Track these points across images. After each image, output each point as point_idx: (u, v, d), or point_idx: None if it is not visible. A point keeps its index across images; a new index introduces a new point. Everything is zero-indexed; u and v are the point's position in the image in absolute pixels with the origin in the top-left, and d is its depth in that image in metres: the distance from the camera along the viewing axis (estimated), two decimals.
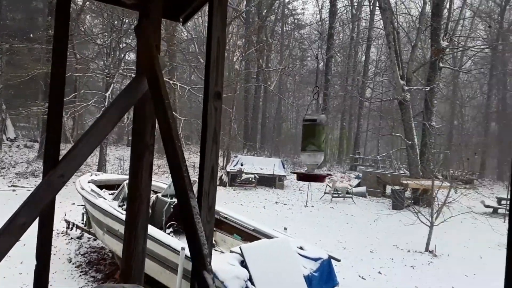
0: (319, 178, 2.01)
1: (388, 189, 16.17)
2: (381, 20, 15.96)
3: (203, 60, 22.51)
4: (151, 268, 5.40)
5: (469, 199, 16.53)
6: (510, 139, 26.31)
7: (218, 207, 7.56)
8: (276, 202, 14.31)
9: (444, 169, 17.06)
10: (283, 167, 18.97)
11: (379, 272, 7.39)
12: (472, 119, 30.22)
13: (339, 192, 15.10)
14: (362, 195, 16.16)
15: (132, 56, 22.88)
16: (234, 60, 27.37)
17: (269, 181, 17.86)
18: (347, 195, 15.04)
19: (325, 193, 15.48)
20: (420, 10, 15.93)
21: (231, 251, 5.20)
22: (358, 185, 17.56)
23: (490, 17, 26.18)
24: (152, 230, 5.44)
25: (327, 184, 16.15)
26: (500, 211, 14.89)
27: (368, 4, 26.74)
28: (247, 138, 28.76)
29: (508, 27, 27.86)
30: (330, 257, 5.62)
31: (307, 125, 1.90)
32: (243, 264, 4.78)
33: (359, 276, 7.14)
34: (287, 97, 34.86)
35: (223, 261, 4.79)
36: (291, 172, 16.33)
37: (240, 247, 4.94)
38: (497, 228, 11.24)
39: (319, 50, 25.38)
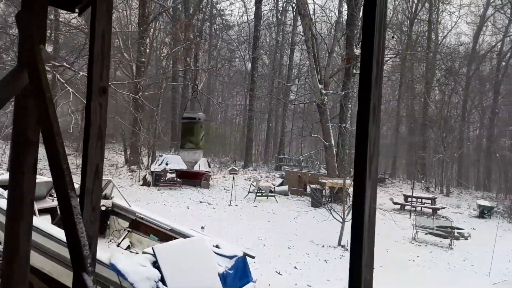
0: (198, 176, 2.04)
1: (309, 188, 16.84)
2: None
3: (128, 56, 21.74)
4: (57, 271, 5.12)
5: (380, 197, 17.78)
6: (416, 141, 28.74)
7: (134, 207, 7.38)
8: (201, 202, 14.24)
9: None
10: (209, 166, 18.92)
11: (295, 267, 7.68)
12: (385, 123, 32.49)
13: (262, 191, 15.42)
14: (284, 193, 16.65)
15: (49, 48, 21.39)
16: (162, 57, 26.74)
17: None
18: (270, 194, 15.41)
19: (249, 192, 15.71)
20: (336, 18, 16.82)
21: (144, 252, 5.10)
22: (281, 184, 18.07)
23: (400, 28, 28.39)
24: (58, 232, 5.16)
25: (251, 184, 16.42)
26: (406, 207, 16.18)
27: (291, 10, 27.62)
28: (175, 137, 28.20)
29: (416, 38, 30.39)
30: (246, 255, 5.72)
31: (186, 123, 1.90)
32: (156, 264, 4.71)
33: (276, 271, 7.37)
34: (216, 97, 34.83)
35: (134, 263, 4.68)
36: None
37: (152, 248, 4.86)
38: (402, 223, 12.22)
39: (194, 50, 25.11)
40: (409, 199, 16.48)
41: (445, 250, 10.33)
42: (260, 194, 15.35)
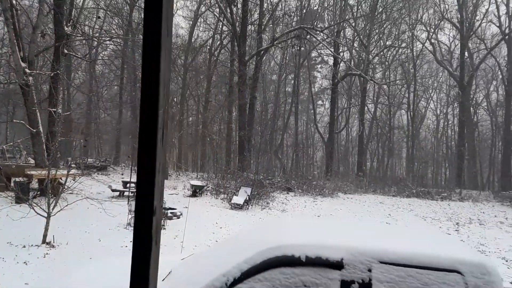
0: None
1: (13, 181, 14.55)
2: None
3: None
4: None
5: (99, 185, 17.33)
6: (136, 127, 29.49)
7: None
8: None
9: (78, 157, 17.14)
10: None
11: None
12: (107, 109, 31.75)
13: None
14: None
15: None
16: None
17: None
18: None
19: None
20: None
21: None
22: None
23: (121, 14, 28.22)
24: None
25: None
26: (126, 193, 16.29)
27: None
28: None
29: (137, 26, 30.97)
30: None
31: None
32: None
33: None
34: None
35: None
36: None
37: None
38: (120, 210, 12.19)
39: None
40: (128, 185, 16.63)
41: None
42: None
